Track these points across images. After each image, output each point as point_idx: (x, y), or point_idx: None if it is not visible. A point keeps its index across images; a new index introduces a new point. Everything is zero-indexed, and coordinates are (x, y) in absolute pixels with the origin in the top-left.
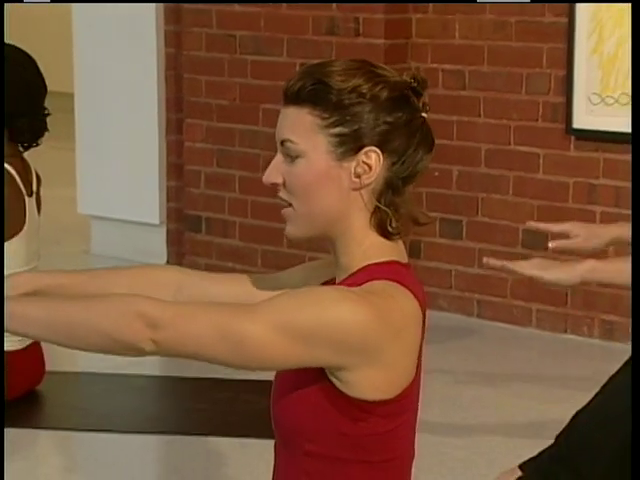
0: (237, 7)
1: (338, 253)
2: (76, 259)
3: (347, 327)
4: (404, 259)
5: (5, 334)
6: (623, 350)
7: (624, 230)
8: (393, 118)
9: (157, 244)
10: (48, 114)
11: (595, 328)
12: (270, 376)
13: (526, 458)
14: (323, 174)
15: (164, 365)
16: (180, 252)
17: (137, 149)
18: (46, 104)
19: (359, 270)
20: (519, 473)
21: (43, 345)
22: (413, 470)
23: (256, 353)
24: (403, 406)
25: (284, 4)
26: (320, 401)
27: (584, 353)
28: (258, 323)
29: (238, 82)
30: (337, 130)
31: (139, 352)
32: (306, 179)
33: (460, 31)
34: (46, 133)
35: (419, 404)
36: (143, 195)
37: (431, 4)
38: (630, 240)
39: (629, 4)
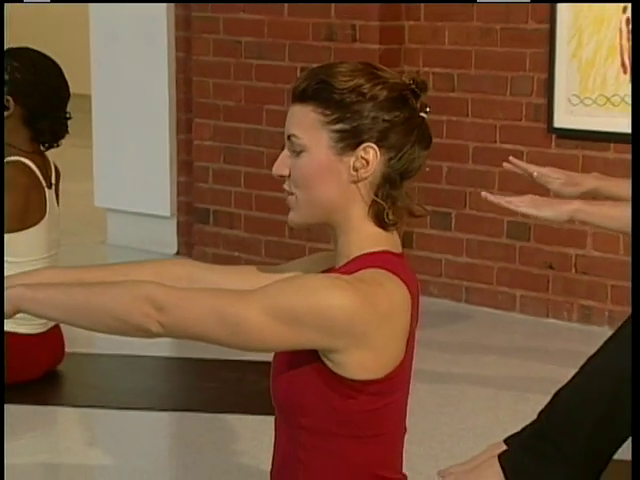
0: (242, 15)
1: (337, 241)
2: (93, 249)
3: (335, 312)
4: (398, 249)
5: (28, 318)
6: (600, 333)
7: (601, 183)
8: (391, 116)
9: (168, 235)
10: (69, 117)
11: (574, 313)
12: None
13: (510, 433)
14: (324, 167)
15: (175, 347)
16: (189, 242)
17: (150, 147)
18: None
19: (355, 258)
20: (504, 447)
21: (63, 329)
22: (405, 444)
23: (251, 335)
24: (392, 386)
25: (286, 12)
26: (313, 379)
27: (564, 336)
28: (253, 308)
29: (243, 84)
30: (338, 127)
31: (147, 333)
32: (309, 172)
33: (449, 37)
34: (66, 135)
35: (410, 384)
36: (155, 189)
37: (423, 12)
38: (608, 193)
39: (604, 12)
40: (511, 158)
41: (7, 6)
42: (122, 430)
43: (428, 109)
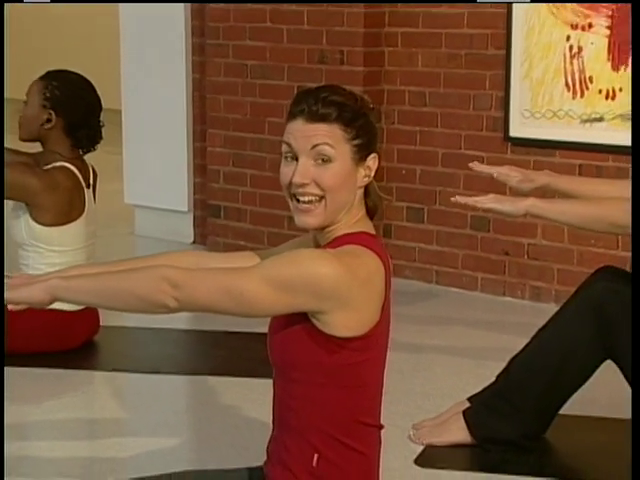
0: (248, 42)
1: (324, 232)
2: (123, 239)
3: (321, 278)
4: (372, 231)
5: None
6: (548, 309)
7: (551, 179)
8: (376, 125)
9: (186, 227)
10: (102, 125)
11: (526, 292)
12: None
13: (473, 393)
14: (348, 176)
15: (191, 321)
16: (204, 233)
17: (170, 153)
18: (101, 118)
19: (337, 237)
20: (467, 404)
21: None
22: (384, 402)
23: (253, 303)
24: (370, 343)
25: (285, 39)
26: (303, 338)
27: (518, 312)
28: (253, 280)
29: (249, 101)
30: (356, 142)
31: (165, 308)
32: (338, 180)
33: (422, 61)
34: (101, 141)
35: (387, 344)
36: (175, 188)
37: (400, 40)
38: (557, 188)
39: (551, 40)
40: (474, 163)
41: (55, 38)
42: (147, 390)
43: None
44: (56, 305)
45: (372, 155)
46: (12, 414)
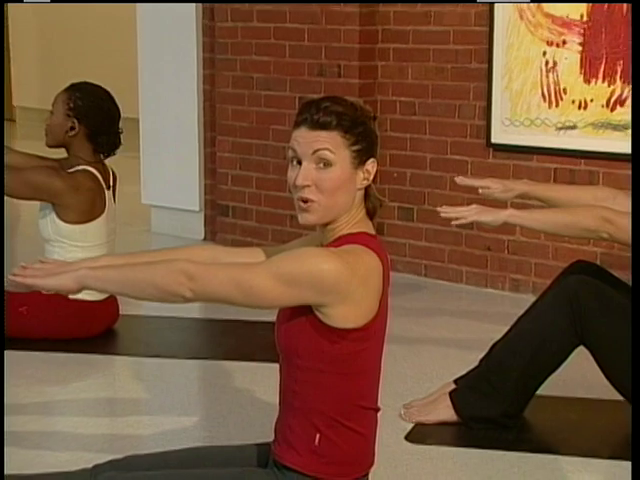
0: (254, 57)
1: (325, 231)
2: (140, 236)
3: (324, 274)
4: (372, 231)
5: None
6: (526, 299)
7: (529, 187)
8: (375, 132)
9: (197, 225)
10: (121, 132)
11: (506, 284)
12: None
13: (458, 375)
14: (347, 179)
15: (203, 311)
16: (213, 231)
17: (183, 157)
18: (120, 125)
19: (339, 237)
20: (453, 386)
21: (119, 297)
22: (381, 383)
23: (261, 296)
24: (368, 334)
25: (287, 54)
26: (307, 328)
27: (498, 302)
28: (261, 275)
29: (254, 110)
30: (355, 147)
31: (182, 298)
32: (336, 183)
33: (412, 74)
34: (120, 146)
35: (385, 337)
36: (187, 190)
37: (391, 55)
38: (534, 195)
39: (529, 55)
40: (459, 178)
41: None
42: (163, 373)
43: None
44: (80, 295)
45: (371, 160)
46: (40, 394)
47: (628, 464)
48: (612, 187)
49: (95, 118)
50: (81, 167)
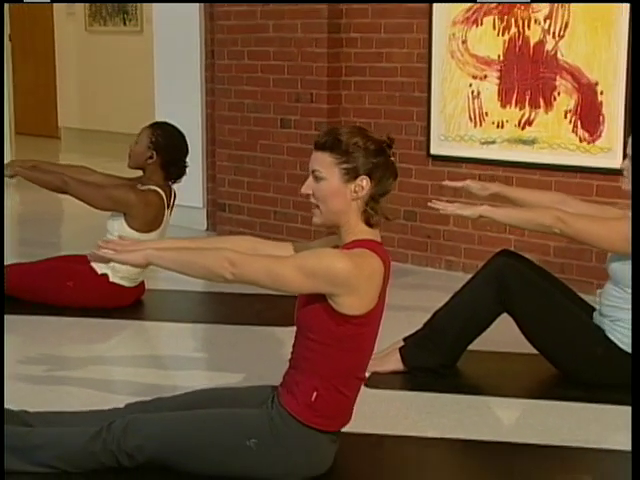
0: (245, 87)
1: (340, 232)
2: None
3: (337, 271)
4: (378, 239)
5: (128, 278)
6: (458, 276)
7: (501, 188)
8: (376, 160)
9: (201, 219)
10: (187, 166)
11: (442, 264)
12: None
13: (406, 335)
14: (336, 191)
15: (206, 286)
16: (214, 223)
17: (190, 165)
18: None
19: (350, 242)
20: (402, 343)
21: (148, 286)
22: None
23: (285, 284)
24: (368, 320)
25: (271, 85)
26: (320, 311)
27: (436, 278)
28: (288, 267)
29: (245, 129)
30: (344, 166)
31: (224, 279)
32: (326, 193)
33: (368, 100)
34: (185, 175)
35: (380, 323)
36: (193, 191)
37: (353, 85)
38: (504, 195)
39: (459, 86)
40: (446, 182)
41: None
42: (180, 335)
43: (394, 155)
44: (117, 280)
45: (361, 177)
46: (81, 351)
47: (538, 401)
48: (523, 187)
49: (169, 153)
50: (152, 187)
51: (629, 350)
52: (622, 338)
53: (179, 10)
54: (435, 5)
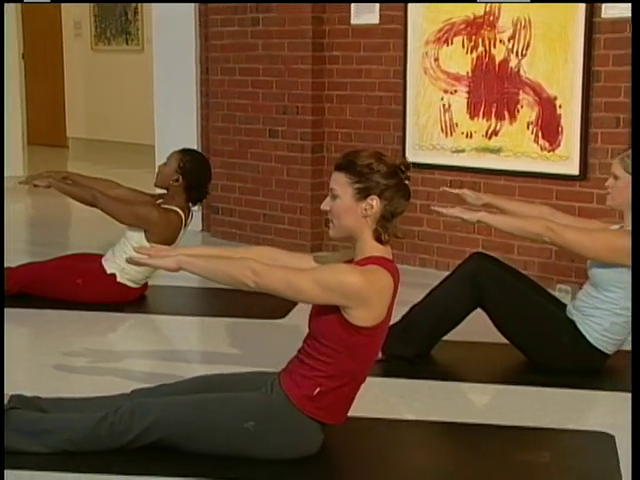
0: (236, 100)
1: (355, 248)
2: None
3: (350, 285)
4: (389, 256)
5: (134, 280)
6: (431, 273)
7: (492, 199)
8: (387, 182)
9: (196, 220)
10: (209, 192)
11: (417, 262)
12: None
13: None
14: (348, 208)
15: (201, 282)
16: (208, 224)
17: None
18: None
19: (363, 258)
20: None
21: (150, 283)
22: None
23: (303, 294)
24: (375, 332)
25: (260, 99)
26: (333, 320)
27: (411, 274)
28: (306, 279)
29: (237, 138)
30: (357, 186)
31: (246, 286)
32: (340, 210)
33: (349, 112)
34: (205, 199)
35: (385, 335)
36: None
37: (335, 99)
38: (496, 205)
39: (432, 99)
40: (443, 188)
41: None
42: (181, 326)
43: (409, 179)
44: (124, 281)
45: (372, 197)
46: (87, 342)
47: (505, 386)
48: (489, 193)
49: (194, 178)
50: (174, 207)
51: (596, 344)
52: (592, 332)
53: (177, 31)
54: (409, 26)
